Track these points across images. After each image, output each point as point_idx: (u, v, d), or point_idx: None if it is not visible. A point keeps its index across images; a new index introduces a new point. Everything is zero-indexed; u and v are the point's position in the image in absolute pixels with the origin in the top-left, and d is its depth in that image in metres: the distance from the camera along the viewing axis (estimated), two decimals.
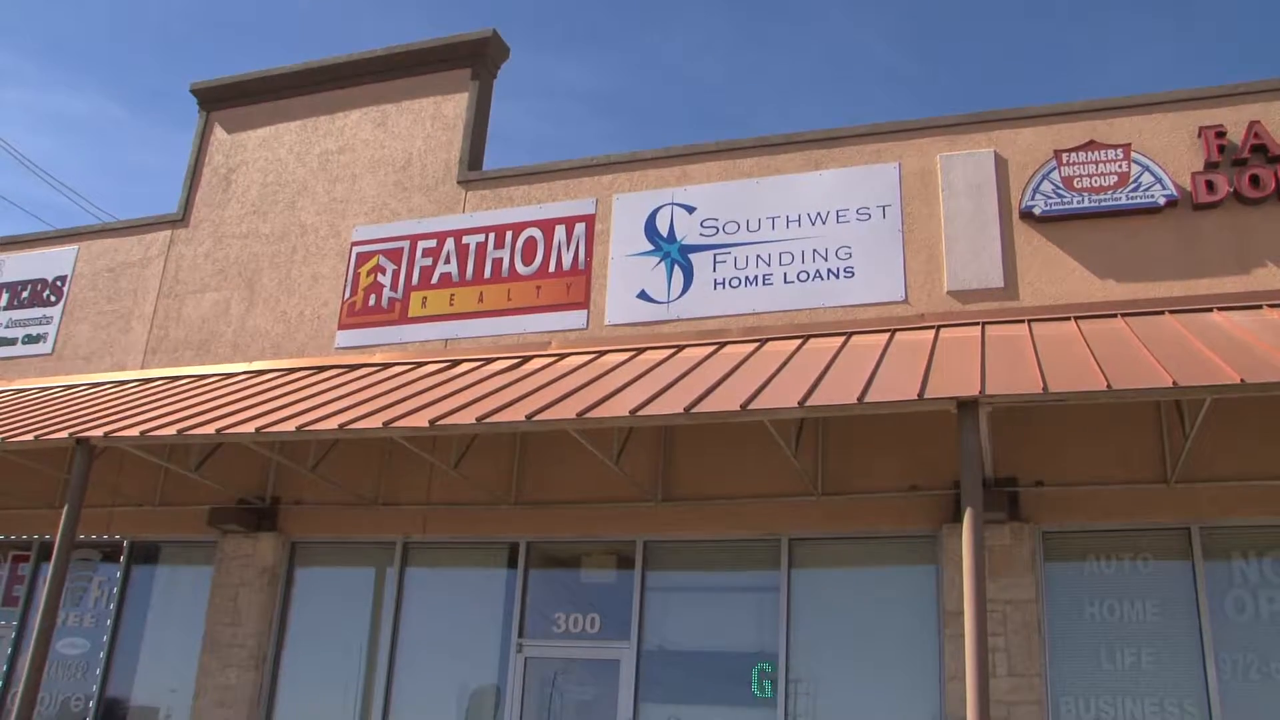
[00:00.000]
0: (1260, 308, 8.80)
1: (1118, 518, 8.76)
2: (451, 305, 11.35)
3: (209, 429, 8.94)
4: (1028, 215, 9.74)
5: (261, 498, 11.25)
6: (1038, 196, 9.74)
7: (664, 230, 10.80)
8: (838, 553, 9.56)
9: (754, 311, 10.22)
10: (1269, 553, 8.52)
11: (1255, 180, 9.25)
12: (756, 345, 9.76)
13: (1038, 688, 8.40)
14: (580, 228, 11.14)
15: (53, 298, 13.62)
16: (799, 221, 10.37)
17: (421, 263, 11.66)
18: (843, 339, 9.51)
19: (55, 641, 10.93)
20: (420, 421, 8.23)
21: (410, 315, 11.48)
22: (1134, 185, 9.52)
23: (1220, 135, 9.43)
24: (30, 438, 9.53)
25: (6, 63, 39.33)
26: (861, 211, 10.22)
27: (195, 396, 10.65)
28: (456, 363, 10.78)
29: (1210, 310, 8.91)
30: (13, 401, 11.97)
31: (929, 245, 9.95)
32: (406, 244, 11.84)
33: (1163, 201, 9.41)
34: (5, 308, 13.88)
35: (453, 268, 11.51)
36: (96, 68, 42.36)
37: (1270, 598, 8.41)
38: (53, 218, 44.99)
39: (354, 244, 12.12)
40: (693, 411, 7.49)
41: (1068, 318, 9.20)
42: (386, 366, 11.02)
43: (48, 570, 9.24)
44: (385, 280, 11.75)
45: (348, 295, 11.89)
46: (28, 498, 12.10)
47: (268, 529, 11.07)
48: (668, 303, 10.54)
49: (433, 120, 12.44)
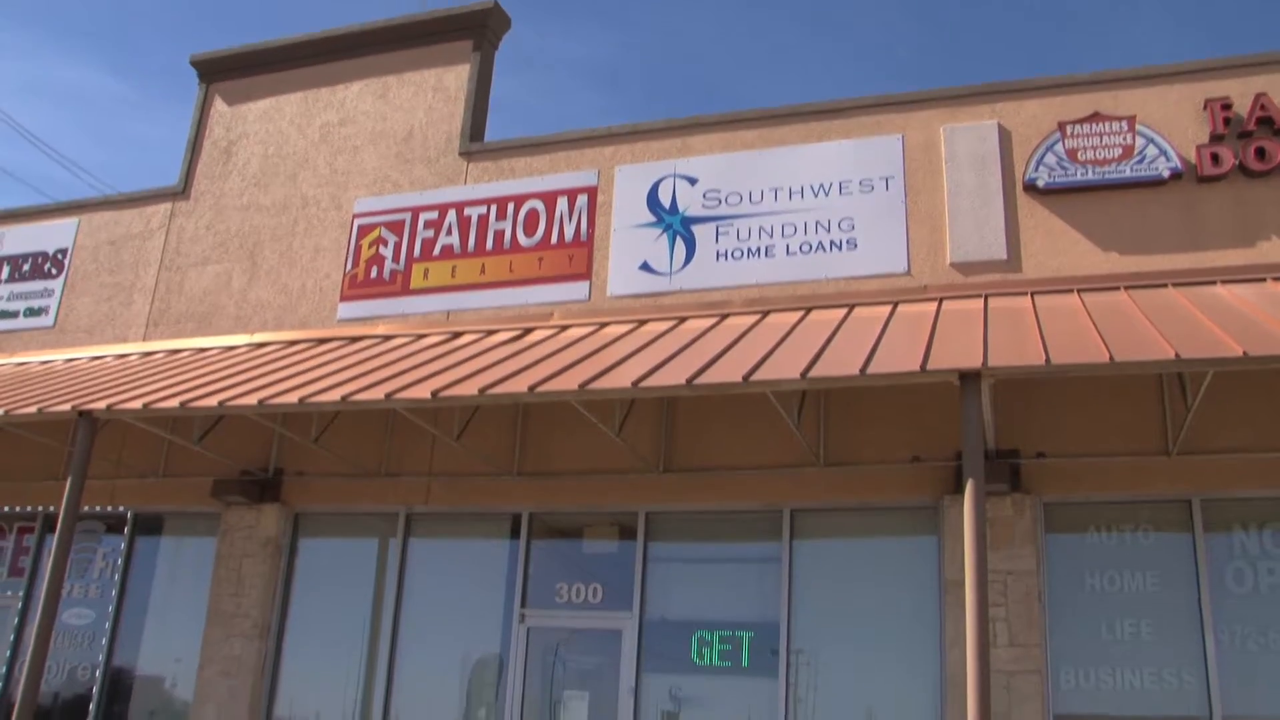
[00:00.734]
0: (1264, 280, 8.79)
1: (1119, 489, 8.77)
2: (453, 277, 11.34)
3: (211, 401, 8.95)
4: (1031, 188, 9.70)
5: (265, 469, 11.27)
6: (1041, 169, 9.70)
7: (666, 202, 10.77)
8: (839, 523, 9.60)
9: (756, 283, 10.20)
10: (1269, 525, 8.54)
11: (1261, 153, 9.20)
12: (759, 317, 9.76)
13: (1038, 657, 8.45)
14: (582, 199, 11.11)
15: (54, 270, 13.60)
16: (801, 193, 10.34)
17: (423, 235, 11.64)
18: (845, 311, 9.50)
19: (61, 612, 10.96)
20: (423, 393, 8.23)
21: (412, 287, 11.47)
22: (1138, 158, 9.48)
23: (1226, 108, 9.38)
24: (33, 410, 9.55)
25: (4, 35, 39.17)
26: (864, 183, 10.19)
27: (197, 369, 10.65)
28: (458, 334, 10.77)
29: (1214, 283, 8.89)
30: (15, 374, 11.97)
31: (932, 217, 9.92)
32: (408, 216, 11.81)
33: (1167, 174, 9.37)
34: (6, 280, 13.86)
35: (454, 239, 11.48)
36: (96, 40, 42.20)
37: (1270, 569, 8.44)
38: (53, 192, 44.94)
39: (355, 216, 12.10)
40: (695, 383, 7.49)
41: (1070, 290, 9.18)
42: (388, 338, 11.02)
43: (52, 542, 9.29)
44: (387, 252, 11.73)
45: (349, 267, 11.87)
46: (32, 470, 12.12)
47: (271, 500, 11.09)
48: (670, 274, 10.52)
49: (434, 92, 12.38)
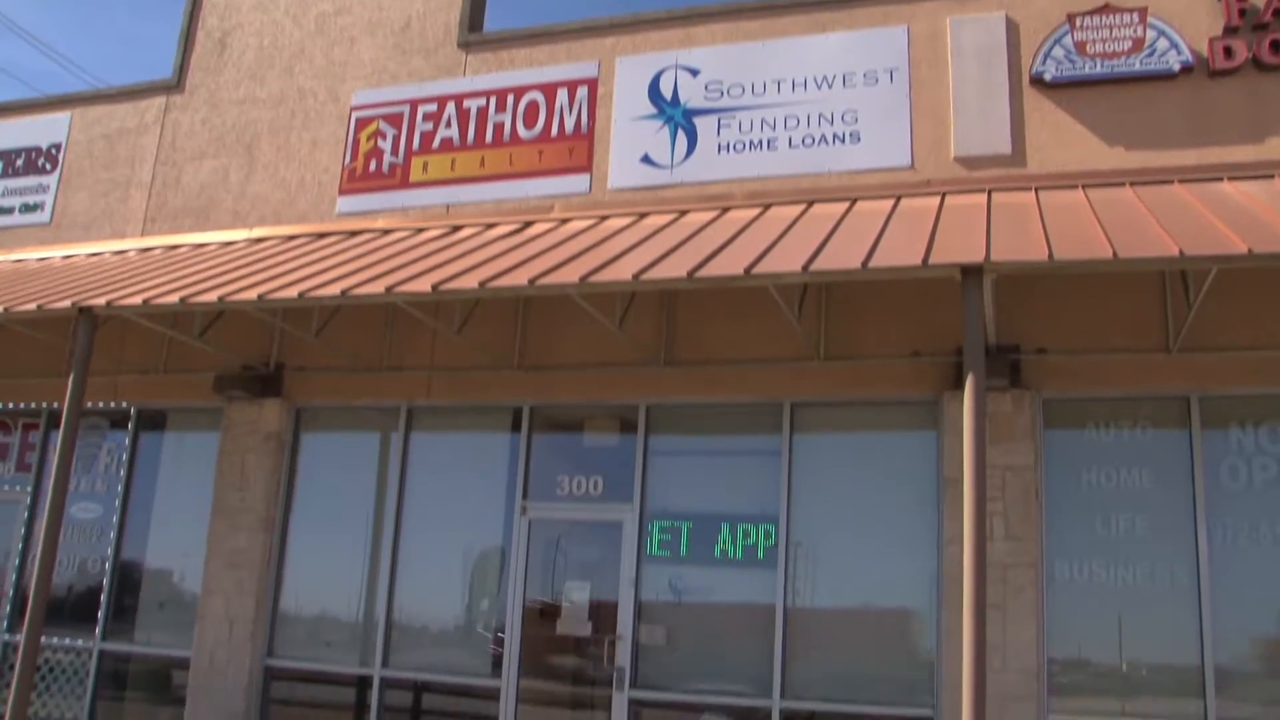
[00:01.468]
0: (1273, 178, 8.69)
1: (1118, 386, 8.80)
2: (453, 170, 11.22)
3: (211, 296, 8.93)
4: (1038, 81, 9.54)
5: (266, 364, 11.30)
6: (1049, 62, 9.53)
7: (667, 94, 10.61)
8: (839, 418, 9.64)
9: (758, 176, 10.09)
10: (1266, 422, 8.59)
11: (1276, 46, 9.00)
12: (760, 210, 9.69)
13: (1033, 551, 8.58)
14: (583, 91, 10.94)
15: (48, 166, 13.46)
16: (804, 85, 10.18)
17: (422, 127, 11.48)
18: (847, 204, 9.43)
19: (69, 506, 11.09)
20: (423, 286, 8.22)
21: (411, 180, 11.36)
22: (1149, 51, 9.31)
23: None
24: (33, 307, 9.53)
25: None
26: (868, 75, 10.02)
27: (196, 264, 10.62)
28: (458, 228, 10.71)
29: (1221, 180, 8.80)
30: (13, 271, 11.94)
31: (936, 111, 9.78)
32: (406, 108, 11.65)
33: (1178, 68, 9.20)
34: (0, 176, 13.73)
35: (454, 132, 11.34)
36: None
37: (1264, 466, 8.52)
38: (44, 86, 44.26)
39: (353, 109, 11.93)
40: (696, 276, 7.47)
41: (1075, 186, 9.09)
42: (388, 232, 10.96)
43: (57, 438, 9.38)
44: (385, 145, 11.60)
45: (348, 161, 11.74)
46: (34, 366, 12.16)
47: (272, 395, 11.14)
48: (671, 167, 10.41)
49: None
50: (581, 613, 9.86)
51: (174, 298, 9.03)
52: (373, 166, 11.59)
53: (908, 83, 9.91)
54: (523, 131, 11.03)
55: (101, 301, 9.25)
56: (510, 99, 11.20)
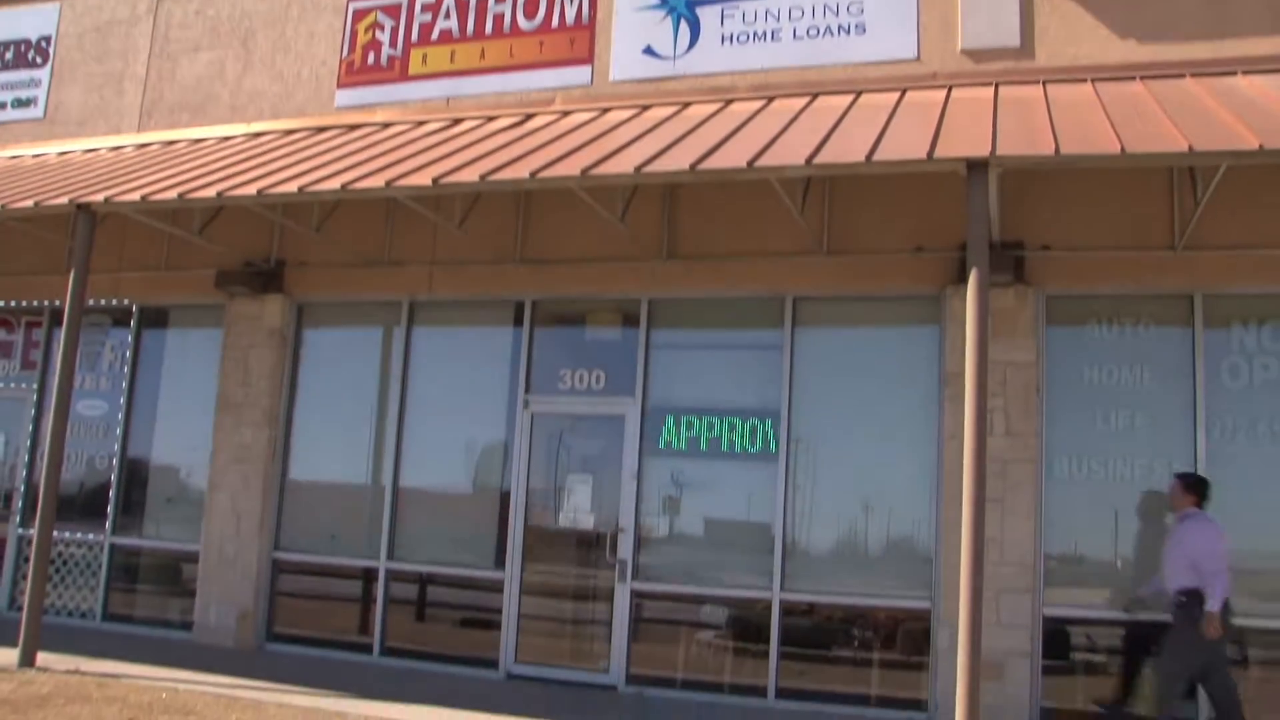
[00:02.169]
0: None
1: (1122, 283, 8.84)
2: (452, 62, 11.09)
3: (210, 191, 8.95)
4: None
5: (267, 260, 11.33)
6: None
7: None
8: (841, 312, 9.71)
9: (762, 68, 9.98)
10: (1269, 321, 8.65)
11: None
12: (764, 102, 9.62)
13: (1033, 447, 8.72)
14: None
15: (39, 59, 13.31)
16: None
17: (421, 19, 11.30)
18: (852, 97, 9.35)
19: (75, 403, 11.23)
20: (423, 180, 8.23)
21: (410, 73, 11.23)
22: None
23: None
24: (30, 204, 9.56)
25: None
26: None
27: (194, 159, 10.61)
28: (458, 121, 10.64)
29: (1235, 74, 8.69)
30: (8, 168, 11.93)
31: (943, 1, 9.61)
32: None
33: None
34: None
35: (453, 23, 11.17)
36: None
37: (1265, 365, 8.61)
38: None
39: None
40: (698, 168, 7.48)
41: (1085, 80, 8.99)
42: (387, 126, 10.89)
43: (61, 335, 9.48)
44: (384, 37, 11.44)
45: (346, 53, 11.60)
46: (34, 264, 12.20)
47: (274, 291, 11.20)
48: (674, 58, 10.28)
49: None
50: (584, 505, 10.08)
51: (173, 193, 9.05)
52: (371, 59, 11.46)
53: None
54: (523, 22, 10.87)
55: (100, 198, 9.27)
56: None
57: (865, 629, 9.10)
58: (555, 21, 10.76)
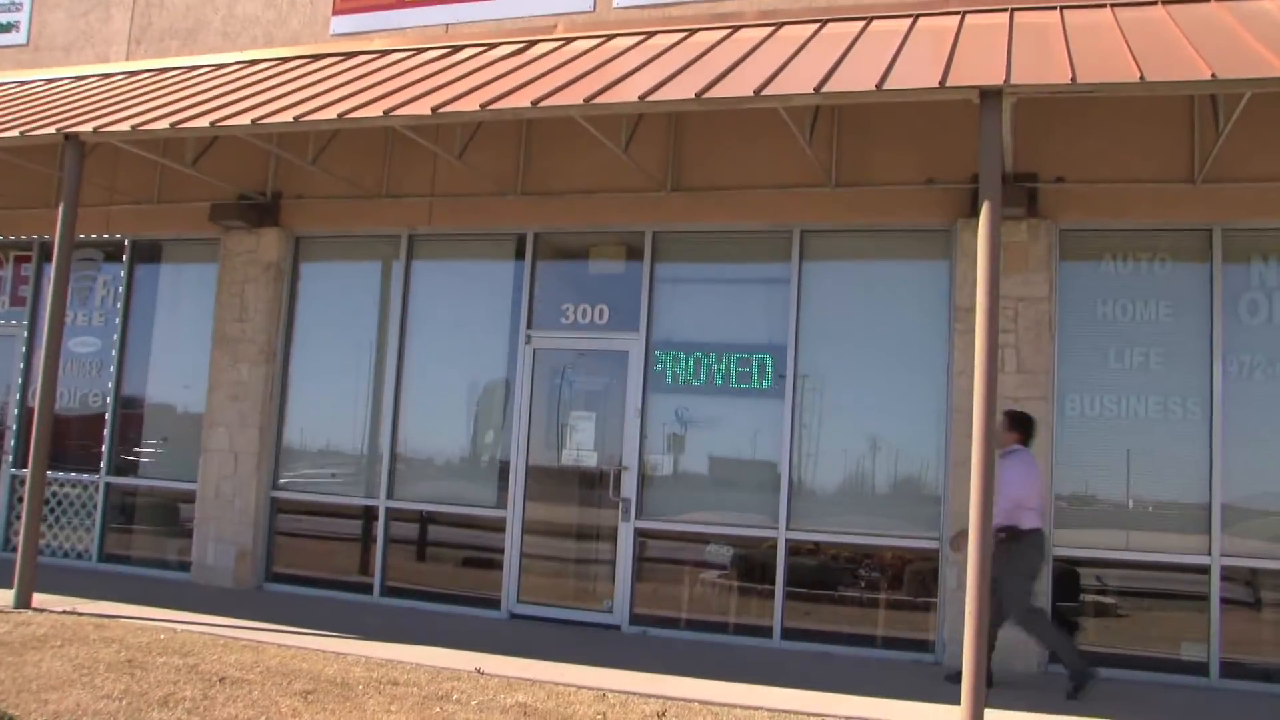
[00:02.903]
0: None
1: (1139, 217, 8.90)
2: None
3: (203, 121, 8.99)
4: None
5: (263, 193, 11.42)
6: None
7: None
8: (850, 245, 9.81)
9: None
10: None
11: None
12: (772, 29, 9.62)
13: (1045, 384, 8.84)
14: None
15: None
16: None
17: None
18: (862, 24, 9.34)
19: (66, 340, 11.35)
20: (422, 109, 8.28)
21: None
22: None
23: None
24: (16, 133, 9.59)
25: None
26: None
27: (186, 88, 10.63)
28: (458, 48, 10.66)
29: None
30: None
31: None
32: None
33: None
34: None
35: None
36: None
37: None
38: None
39: None
40: (704, 97, 7.52)
41: (1103, 5, 8.96)
42: (385, 53, 10.91)
43: (51, 270, 9.58)
44: None
45: None
46: (22, 197, 12.28)
47: (270, 224, 11.30)
48: None
49: None
50: (587, 443, 10.26)
51: (164, 123, 9.09)
52: None
53: None
54: None
55: (88, 127, 9.31)
56: None
57: (872, 569, 9.30)
58: None
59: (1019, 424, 8.24)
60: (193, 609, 9.47)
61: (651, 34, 10.04)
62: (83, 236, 11.75)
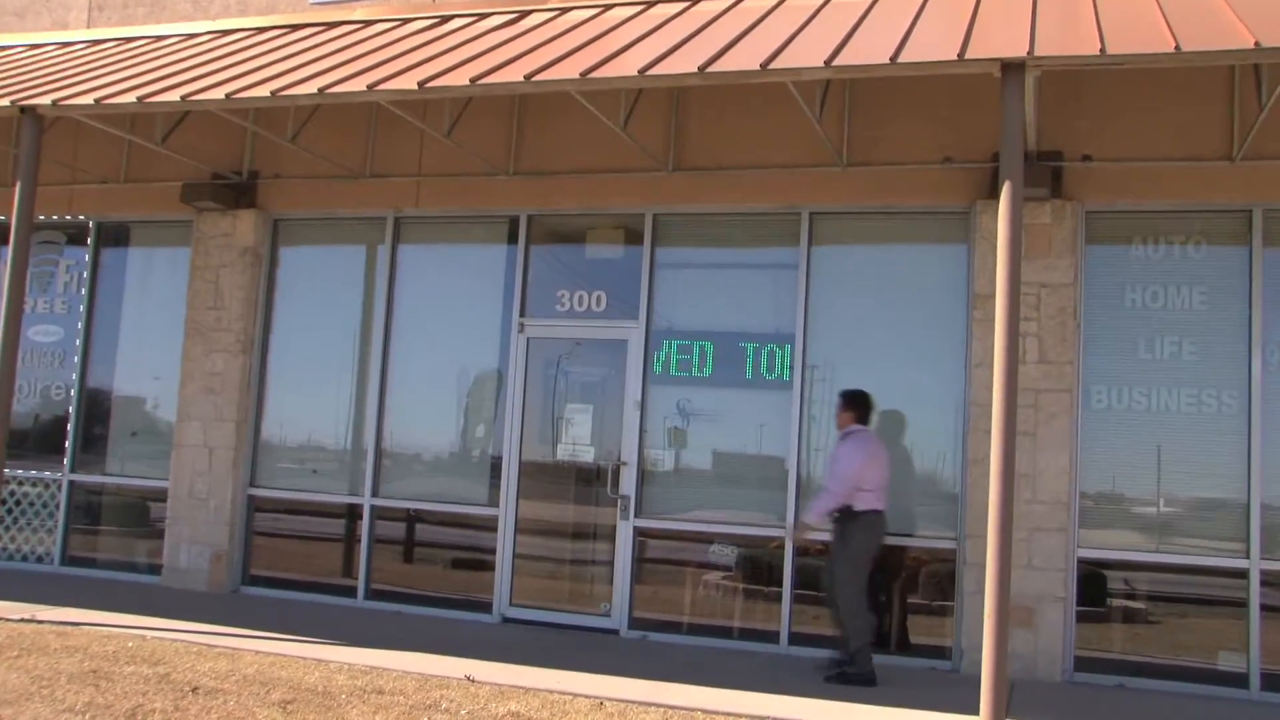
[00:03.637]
0: None
1: (1172, 197, 8.92)
2: None
3: (173, 95, 8.97)
4: None
5: (238, 172, 11.45)
6: None
7: None
8: (862, 228, 9.85)
9: None
10: None
11: None
12: None
13: (1069, 375, 8.88)
14: None
15: None
16: None
17: None
18: None
19: (25, 329, 11.40)
20: (408, 83, 8.30)
21: None
22: None
23: None
24: None
25: None
26: None
27: (155, 59, 10.63)
28: (447, 18, 10.68)
29: None
30: None
31: None
32: None
33: None
34: None
35: None
36: None
37: None
38: None
39: None
40: (708, 71, 7.53)
41: None
42: (369, 24, 10.92)
43: (8, 254, 9.56)
44: None
45: None
46: None
47: (247, 205, 11.34)
48: None
49: None
50: (584, 437, 10.32)
51: (131, 96, 9.07)
52: None
53: None
54: None
55: (46, 100, 9.25)
56: None
57: (884, 570, 9.36)
58: None
59: (853, 403, 8.70)
60: (164, 615, 9.50)
61: (652, 3, 10.04)
62: (43, 218, 11.76)
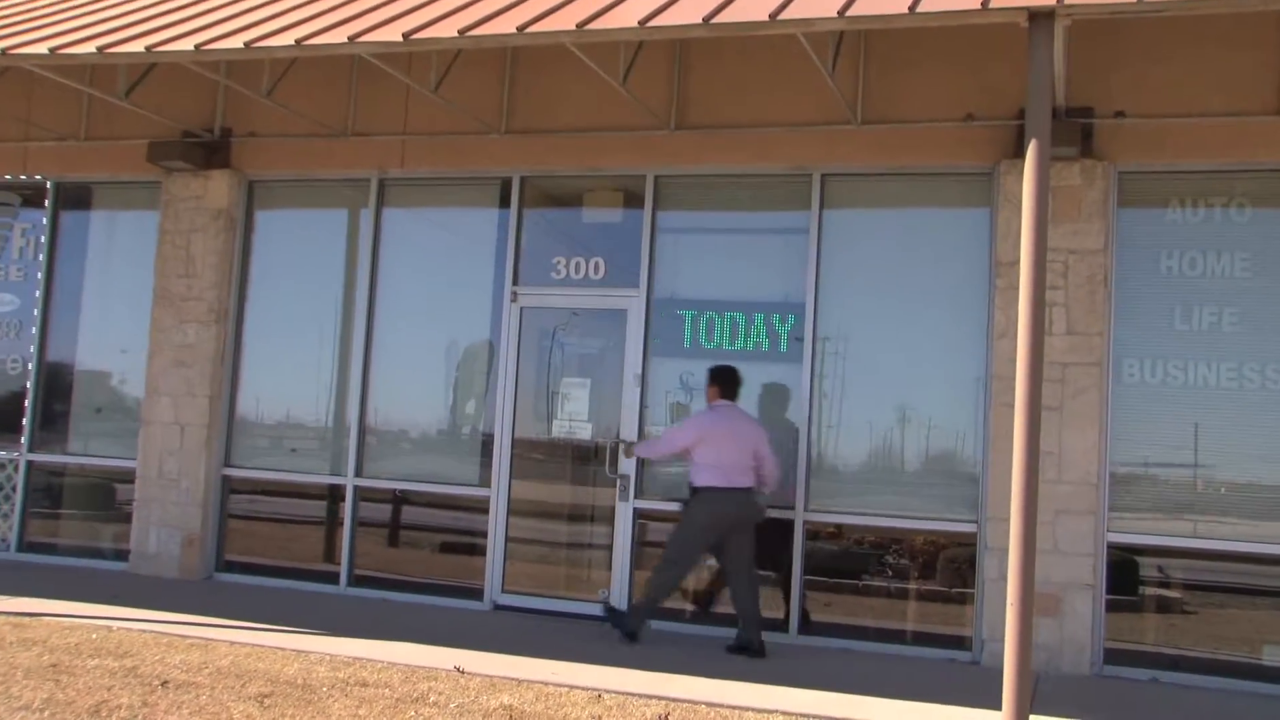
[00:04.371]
0: None
1: (1213, 157, 8.87)
2: None
3: (137, 45, 8.90)
4: None
5: (210, 130, 11.44)
6: None
7: None
8: (877, 191, 9.87)
9: None
10: None
11: None
12: None
13: (1098, 348, 8.88)
14: None
15: None
16: None
17: None
18: None
19: None
20: (393, 35, 8.27)
21: None
22: None
23: None
24: None
25: None
26: None
27: (117, 5, 10.55)
28: None
29: None
30: None
31: None
32: None
33: None
34: None
35: None
36: None
37: None
38: None
39: None
40: (713, 22, 7.49)
41: None
42: None
43: None
44: None
45: None
46: None
47: (220, 166, 11.33)
48: None
49: None
50: (581, 413, 10.36)
51: (90, 46, 8.99)
52: None
53: None
54: None
55: None
56: None
57: (901, 555, 9.40)
58: None
59: (717, 379, 9.24)
60: (131, 604, 9.51)
61: None
62: None
